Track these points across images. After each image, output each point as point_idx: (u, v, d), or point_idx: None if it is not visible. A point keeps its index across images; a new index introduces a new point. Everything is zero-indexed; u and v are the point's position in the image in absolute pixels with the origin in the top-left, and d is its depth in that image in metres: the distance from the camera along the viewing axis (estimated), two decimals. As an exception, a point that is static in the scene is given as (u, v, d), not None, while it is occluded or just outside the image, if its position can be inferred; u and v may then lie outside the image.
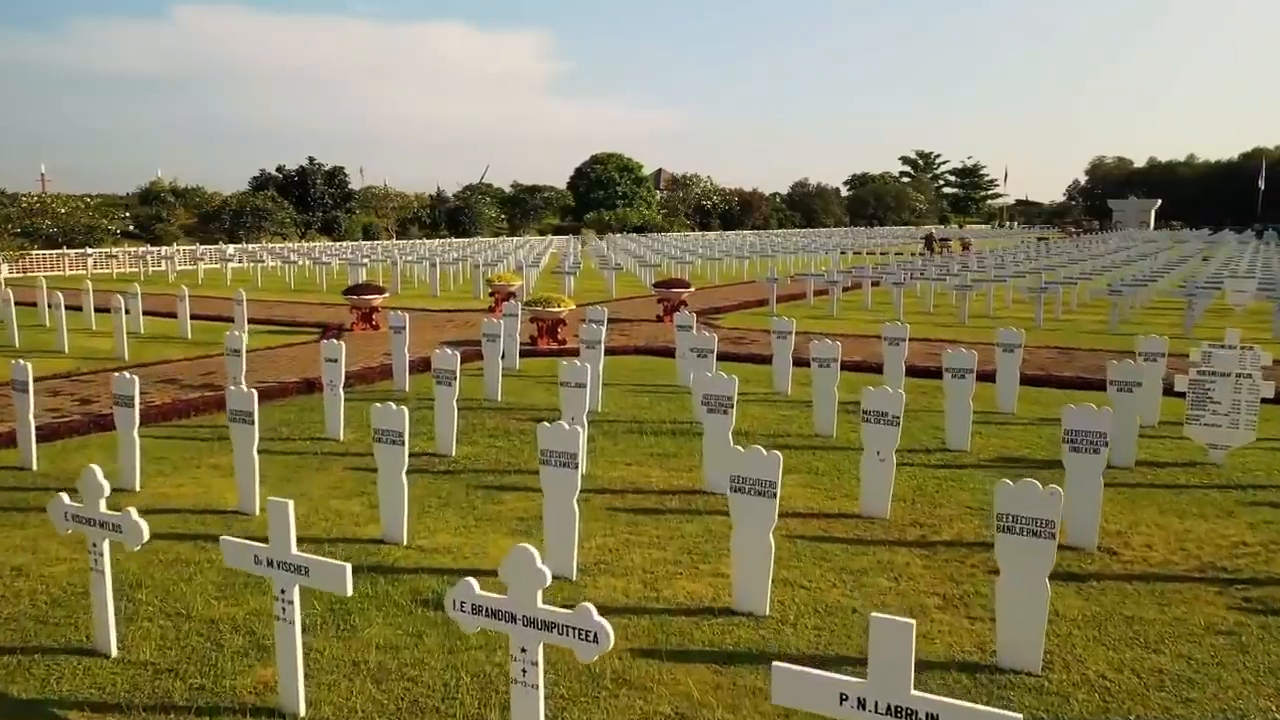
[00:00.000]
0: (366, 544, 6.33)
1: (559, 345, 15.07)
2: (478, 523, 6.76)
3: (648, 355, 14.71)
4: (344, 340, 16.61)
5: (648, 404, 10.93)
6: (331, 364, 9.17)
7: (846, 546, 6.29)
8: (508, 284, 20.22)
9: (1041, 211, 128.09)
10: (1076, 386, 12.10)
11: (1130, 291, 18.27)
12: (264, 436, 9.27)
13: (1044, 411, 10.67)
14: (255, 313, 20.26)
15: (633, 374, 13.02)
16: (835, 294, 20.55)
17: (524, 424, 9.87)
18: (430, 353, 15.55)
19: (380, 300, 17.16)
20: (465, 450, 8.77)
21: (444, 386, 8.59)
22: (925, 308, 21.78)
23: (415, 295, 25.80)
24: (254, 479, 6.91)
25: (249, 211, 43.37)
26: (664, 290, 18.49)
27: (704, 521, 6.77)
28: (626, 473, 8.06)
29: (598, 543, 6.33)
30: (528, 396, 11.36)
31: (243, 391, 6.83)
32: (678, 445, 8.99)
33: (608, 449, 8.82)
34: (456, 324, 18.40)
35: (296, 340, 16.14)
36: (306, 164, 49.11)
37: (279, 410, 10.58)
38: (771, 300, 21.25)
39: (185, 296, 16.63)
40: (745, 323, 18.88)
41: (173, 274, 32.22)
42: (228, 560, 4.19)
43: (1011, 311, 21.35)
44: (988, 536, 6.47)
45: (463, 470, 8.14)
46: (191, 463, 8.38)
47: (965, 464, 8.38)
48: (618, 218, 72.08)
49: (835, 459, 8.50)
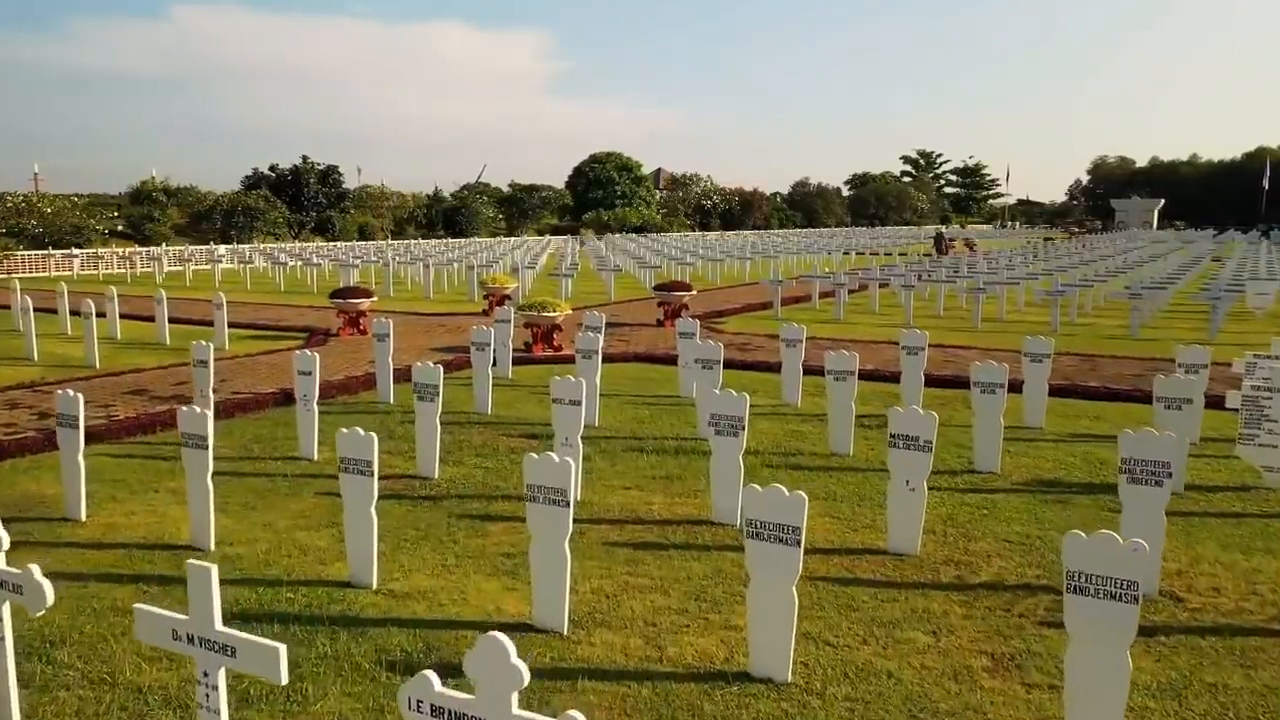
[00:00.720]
0: (331, 587, 5.59)
1: (555, 352, 14.34)
2: (458, 560, 6.02)
3: (648, 363, 13.98)
4: (330, 346, 16.06)
5: (648, 418, 10.20)
6: (304, 377, 8.43)
7: (875, 591, 5.55)
8: (502, 286, 19.48)
9: (1043, 211, 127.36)
10: (1103, 397, 11.37)
11: (1150, 295, 17.53)
12: (232, 455, 8.57)
13: (1072, 425, 9.94)
14: (240, 316, 19.54)
15: (632, 383, 12.29)
16: (841, 297, 19.82)
17: (514, 441, 9.13)
18: (423, 358, 14.97)
19: (368, 304, 16.42)
20: (449, 472, 8.04)
21: (426, 403, 7.85)
22: (935, 311, 21.05)
23: (408, 298, 25.06)
24: (208, 510, 6.17)
25: (240, 211, 42.54)
26: (664, 293, 17.75)
27: (713, 560, 6.04)
28: (625, 498, 7.32)
29: (593, 585, 5.60)
30: (520, 409, 10.62)
31: (194, 413, 6.09)
32: (681, 466, 8.25)
33: (605, 471, 8.08)
34: (448, 328, 17.66)
35: (280, 346, 15.40)
36: (300, 163, 48.33)
37: (253, 424, 9.85)
38: (776, 303, 20.51)
39: (163, 300, 15.89)
40: (749, 327, 18.14)
41: (160, 276, 31.45)
42: (139, 633, 3.45)
43: (1024, 315, 20.63)
44: (1031, 578, 5.75)
45: (445, 495, 7.40)
46: (150, 486, 7.64)
47: (997, 488, 7.64)
48: (617, 218, 71.30)
49: (855, 483, 7.77)
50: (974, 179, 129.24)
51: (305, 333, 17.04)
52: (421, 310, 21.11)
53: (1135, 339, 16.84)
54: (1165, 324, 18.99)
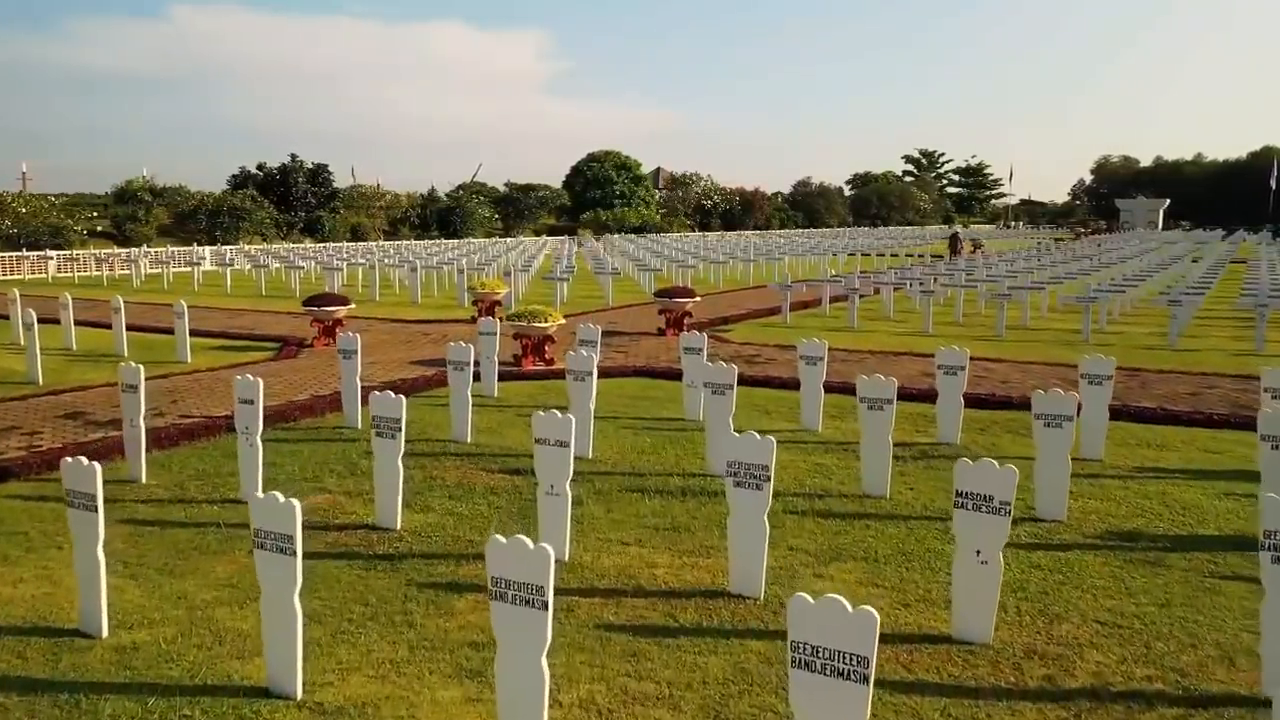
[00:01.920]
0: (242, 697, 4.33)
1: (546, 365, 13.08)
2: (412, 653, 4.76)
3: (648, 378, 12.72)
4: (301, 359, 14.75)
5: (650, 447, 8.94)
6: (245, 406, 7.16)
7: (945, 703, 4.30)
8: (492, 292, 18.22)
9: (1045, 211, 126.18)
10: (1160, 420, 10.13)
11: (1190, 301, 16.27)
12: (162, 497, 7.31)
13: (1134, 456, 8.69)
14: (212, 324, 18.29)
15: (631, 402, 11.03)
16: (854, 302, 18.55)
17: (495, 477, 7.87)
18: (400, 373, 13.71)
19: (345, 312, 15.15)
20: (415, 520, 6.78)
21: (385, 439, 6.59)
22: (953, 317, 19.79)
23: (394, 303, 23.79)
24: (98, 589, 4.91)
25: (226, 211, 41.12)
26: (666, 300, 16.47)
27: (733, 653, 4.78)
28: (623, 559, 6.06)
29: (582, 694, 4.35)
30: (505, 436, 9.36)
31: (80, 465, 4.83)
32: (690, 512, 6.99)
33: (599, 520, 6.82)
34: (433, 337, 16.39)
35: (247, 359, 14.14)
36: (289, 161, 46.93)
37: (196, 456, 8.59)
38: (785, 309, 19.25)
39: (120, 307, 14.61)
40: (757, 335, 16.89)
41: (138, 279, 30.16)
42: None
43: (1049, 322, 19.37)
44: (1141, 680, 4.51)
45: (406, 554, 6.14)
46: (53, 540, 6.37)
47: (1069, 542, 6.39)
48: (615, 218, 69.96)
49: (897, 537, 6.51)
50: (976, 179, 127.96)
51: (278, 343, 15.78)
52: (406, 317, 19.83)
53: (1174, 349, 15.60)
54: (1200, 332, 17.75)
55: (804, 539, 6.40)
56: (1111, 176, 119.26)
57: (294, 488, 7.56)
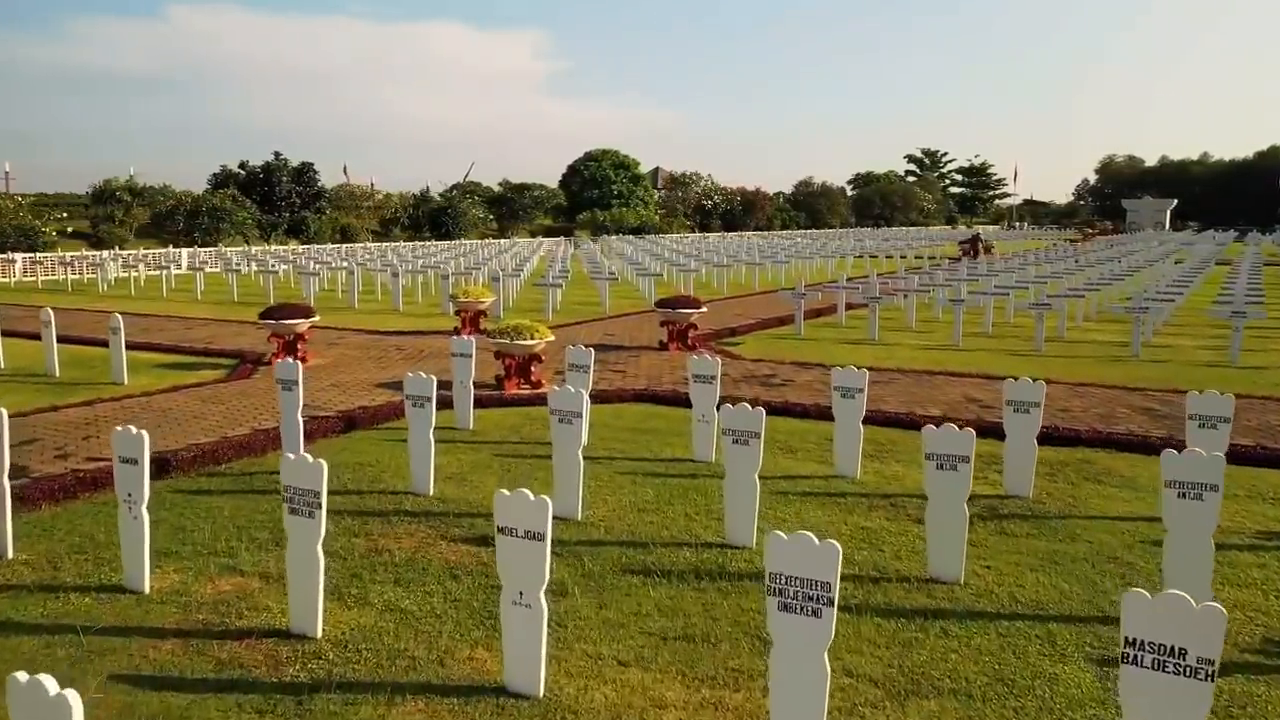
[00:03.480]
0: None
1: (533, 389, 11.41)
2: None
3: (650, 403, 11.06)
4: (255, 380, 12.77)
5: (653, 502, 7.26)
6: (127, 468, 5.50)
7: None
8: (477, 300, 16.53)
9: (1049, 211, 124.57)
10: (1261, 461, 8.45)
11: (1254, 312, 14.57)
12: (23, 581, 5.61)
13: (1254, 516, 7.02)
14: (167, 336, 16.61)
15: (630, 437, 9.37)
16: (876, 312, 16.86)
17: (457, 550, 6.21)
18: (362, 397, 11.84)
19: (308, 325, 13.47)
20: (344, 621, 5.11)
21: (301, 519, 4.92)
22: (981, 326, 18.10)
23: (372, 310, 22.09)
24: None
25: (205, 212, 39.25)
26: (669, 310, 14.77)
27: None
28: (619, 692, 4.39)
29: None
30: (476, 485, 7.69)
31: None
32: (708, 608, 5.32)
33: (588, 624, 5.14)
34: (408, 353, 14.69)
35: (192, 380, 12.45)
36: (272, 159, 45.03)
37: (90, 515, 6.92)
38: (798, 320, 17.56)
39: (50, 320, 12.90)
40: (770, 350, 15.21)
41: (104, 283, 28.43)
42: None
43: (1086, 333, 17.71)
44: None
45: (321, 684, 4.46)
46: None
47: (1228, 664, 4.71)
48: (613, 218, 68.13)
49: (988, 648, 4.83)
50: (979, 178, 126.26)
51: (236, 359, 14.10)
52: (384, 327, 18.12)
53: (1236, 366, 13.94)
54: (1257, 345, 16.09)
55: (865, 655, 4.74)
56: (1116, 176, 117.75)
57: (196, 567, 5.89)
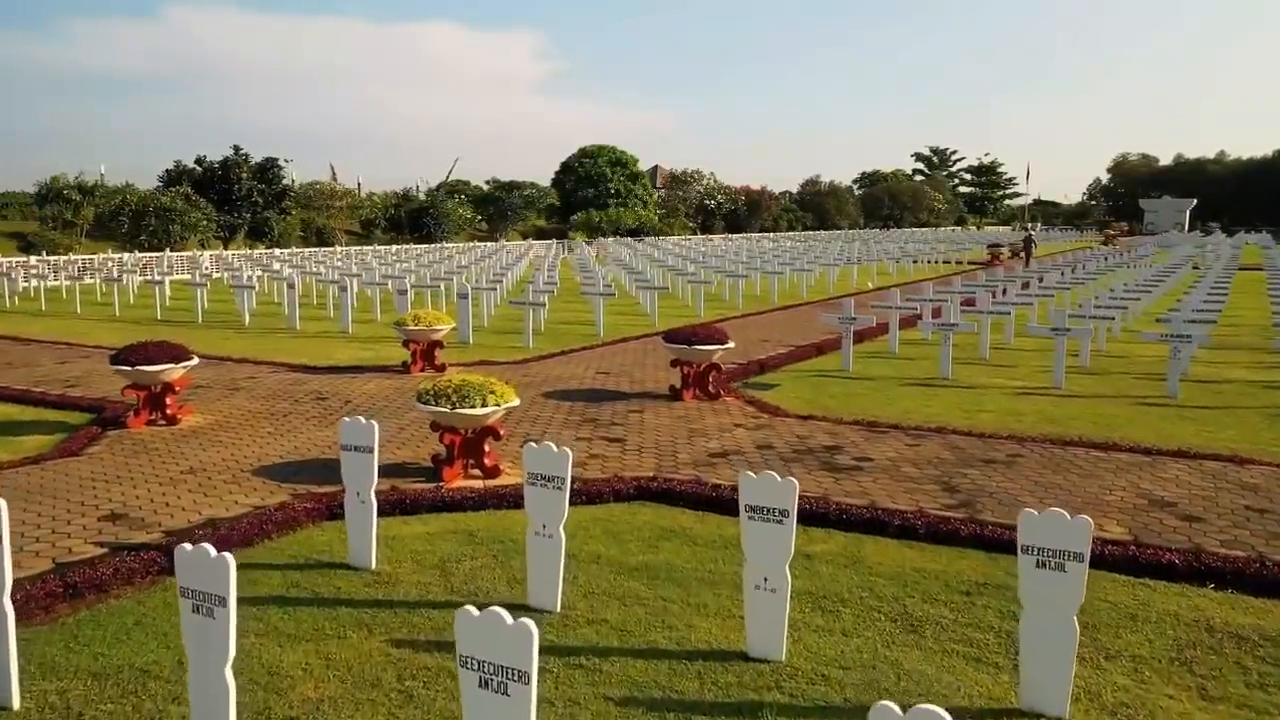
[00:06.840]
0: None
1: (486, 477, 7.63)
2: None
3: (660, 502, 7.24)
4: (110, 443, 8.48)
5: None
6: None
7: None
8: (430, 327, 12.72)
9: (1060, 212, 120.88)
10: None
11: None
12: None
13: None
14: (18, 376, 12.76)
15: (629, 577, 5.58)
16: (949, 344, 12.99)
17: None
18: (234, 494, 6.86)
19: (180, 373, 9.66)
20: None
21: None
22: (1077, 360, 14.20)
23: (316, 332, 18.21)
24: None
25: (153, 212, 35.22)
26: (683, 347, 10.87)
27: None
28: None
29: None
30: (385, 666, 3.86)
31: None
32: None
33: None
34: (329, 406, 10.81)
35: (6, 454, 8.61)
36: (231, 154, 40.89)
37: None
38: (846, 352, 13.69)
39: None
40: (819, 399, 11.37)
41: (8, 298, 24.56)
42: None
43: (1215, 368, 13.91)
44: None
45: None
46: None
47: None
48: (609, 218, 64.16)
49: None
50: (989, 178, 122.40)
51: (94, 412, 10.29)
52: (315, 361, 14.19)
53: None
54: None
55: None
56: (1130, 175, 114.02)
57: None
